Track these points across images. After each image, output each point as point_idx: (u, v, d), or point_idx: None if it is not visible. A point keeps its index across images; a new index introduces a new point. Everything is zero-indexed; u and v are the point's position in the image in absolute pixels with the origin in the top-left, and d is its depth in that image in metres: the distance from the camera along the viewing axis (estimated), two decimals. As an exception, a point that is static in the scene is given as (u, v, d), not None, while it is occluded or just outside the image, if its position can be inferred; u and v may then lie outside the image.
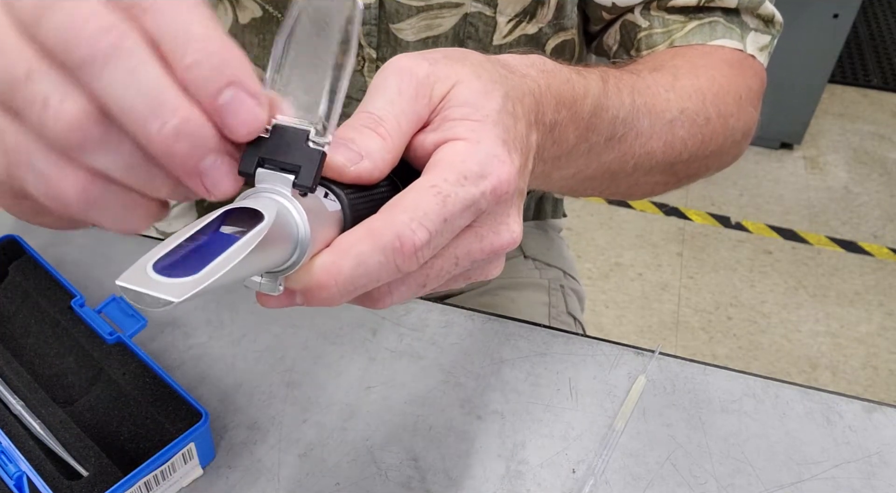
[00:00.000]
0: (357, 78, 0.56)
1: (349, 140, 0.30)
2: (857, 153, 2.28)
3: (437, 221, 0.27)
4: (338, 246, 0.27)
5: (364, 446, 0.46)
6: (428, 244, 0.27)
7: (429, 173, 0.29)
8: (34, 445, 0.42)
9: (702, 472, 0.46)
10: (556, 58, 0.53)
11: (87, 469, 0.42)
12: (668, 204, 2.06)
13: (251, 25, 0.54)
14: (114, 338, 0.47)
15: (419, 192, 0.28)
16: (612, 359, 0.52)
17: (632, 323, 1.73)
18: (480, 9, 0.53)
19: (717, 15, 0.52)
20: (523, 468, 0.45)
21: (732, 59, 0.51)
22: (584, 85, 0.37)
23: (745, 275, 1.87)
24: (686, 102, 0.45)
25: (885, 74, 2.60)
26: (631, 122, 0.42)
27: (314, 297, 0.27)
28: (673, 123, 0.45)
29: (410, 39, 0.54)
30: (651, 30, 0.53)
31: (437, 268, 0.30)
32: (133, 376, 0.46)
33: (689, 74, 0.47)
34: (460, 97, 0.30)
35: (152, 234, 0.74)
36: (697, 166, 0.49)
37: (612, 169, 0.43)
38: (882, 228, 2.03)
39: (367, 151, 0.30)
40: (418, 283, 0.30)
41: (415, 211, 0.27)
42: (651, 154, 0.45)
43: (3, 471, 0.41)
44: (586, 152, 0.40)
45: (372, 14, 0.53)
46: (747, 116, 0.50)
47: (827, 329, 1.75)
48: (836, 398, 0.50)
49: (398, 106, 0.31)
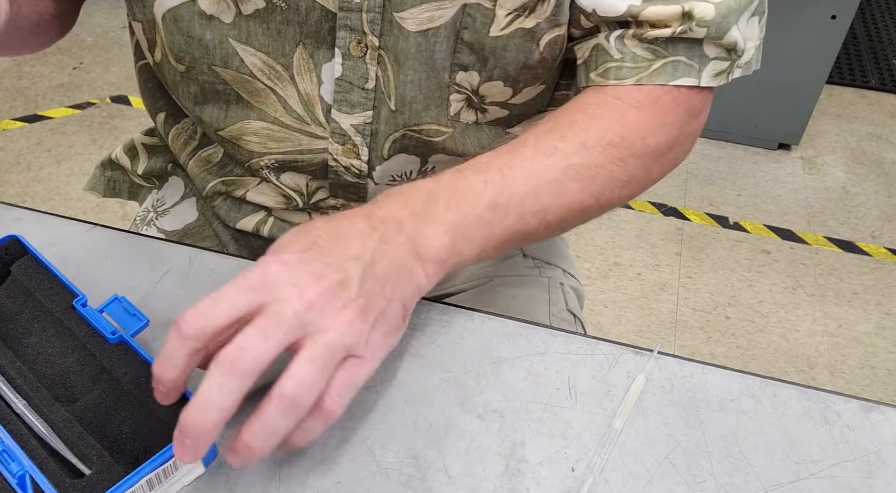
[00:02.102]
0: (360, 65, 0.56)
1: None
2: (855, 154, 2.29)
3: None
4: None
5: (364, 444, 0.46)
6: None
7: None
8: (37, 444, 0.42)
9: (700, 471, 0.46)
10: (549, 51, 0.56)
11: (89, 468, 0.42)
12: (666, 204, 2.06)
13: (255, 16, 0.54)
14: (116, 337, 0.47)
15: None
16: (612, 358, 0.52)
17: (631, 323, 1.74)
18: (479, 0, 0.53)
19: (681, 51, 0.54)
20: (522, 467, 0.45)
21: (648, 99, 0.55)
22: (434, 182, 0.49)
23: (743, 275, 1.88)
24: (572, 160, 0.52)
25: (882, 75, 2.60)
26: (508, 189, 0.50)
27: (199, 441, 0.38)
28: (559, 181, 0.52)
29: (412, 30, 0.54)
30: (622, 63, 0.55)
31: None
32: (135, 375, 0.46)
33: (581, 132, 0.53)
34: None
35: (153, 233, 0.74)
36: (618, 196, 0.56)
37: (521, 229, 0.51)
38: (880, 229, 2.03)
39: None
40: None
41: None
42: (548, 208, 0.52)
43: (6, 470, 0.41)
44: (479, 221, 0.49)
45: (376, 2, 0.53)
46: (653, 145, 0.55)
47: (825, 329, 1.75)
48: (835, 398, 0.50)
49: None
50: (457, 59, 0.56)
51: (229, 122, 0.61)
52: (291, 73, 0.57)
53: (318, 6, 0.53)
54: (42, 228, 0.58)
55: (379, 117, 0.59)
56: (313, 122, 0.59)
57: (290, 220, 0.68)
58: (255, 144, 0.61)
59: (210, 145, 0.67)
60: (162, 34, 0.57)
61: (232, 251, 0.70)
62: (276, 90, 0.58)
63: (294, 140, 0.60)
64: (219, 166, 0.67)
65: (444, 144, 0.61)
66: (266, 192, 0.66)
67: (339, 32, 0.54)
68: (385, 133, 0.60)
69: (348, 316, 0.41)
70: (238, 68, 0.57)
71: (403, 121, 0.59)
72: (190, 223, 0.75)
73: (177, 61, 0.58)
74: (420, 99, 0.58)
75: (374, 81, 0.57)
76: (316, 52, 0.56)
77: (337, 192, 0.64)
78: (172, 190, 0.77)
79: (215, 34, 0.55)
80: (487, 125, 0.63)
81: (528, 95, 0.62)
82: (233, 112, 0.60)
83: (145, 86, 0.69)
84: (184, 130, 0.68)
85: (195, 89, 0.60)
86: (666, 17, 0.53)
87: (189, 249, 0.58)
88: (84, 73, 2.42)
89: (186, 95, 0.61)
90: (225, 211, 0.69)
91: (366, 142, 0.60)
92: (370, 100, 0.58)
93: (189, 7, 0.54)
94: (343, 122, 0.59)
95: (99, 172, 0.80)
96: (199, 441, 0.38)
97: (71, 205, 1.95)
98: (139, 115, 2.27)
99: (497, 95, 0.60)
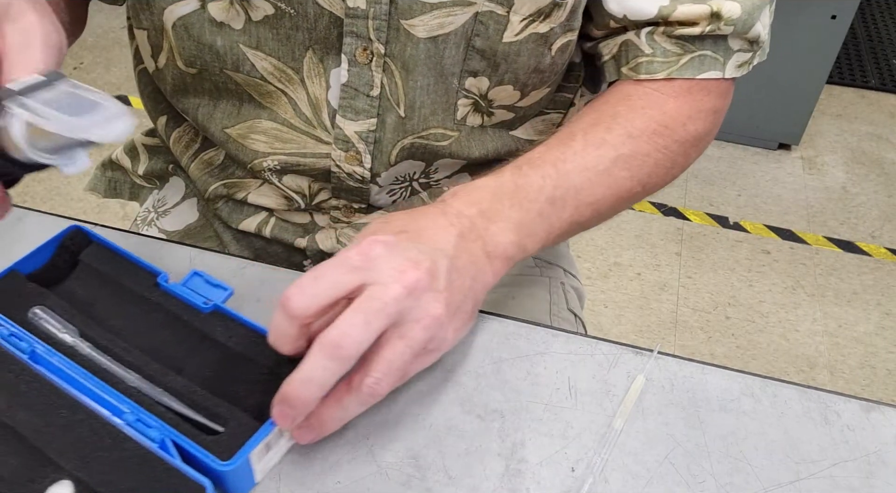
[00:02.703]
0: (365, 72, 0.56)
1: None
2: (855, 154, 2.29)
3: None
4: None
5: (364, 444, 0.46)
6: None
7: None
8: (164, 411, 0.43)
9: (700, 471, 0.46)
10: (559, 55, 0.57)
11: (221, 425, 0.43)
12: (666, 204, 2.06)
13: (264, 22, 0.54)
14: (210, 306, 0.49)
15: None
16: (611, 358, 0.52)
17: (631, 323, 1.74)
18: (492, 8, 0.53)
19: (707, 45, 0.57)
20: (522, 467, 0.45)
21: (681, 89, 0.58)
22: (496, 180, 0.51)
23: (743, 275, 1.88)
24: (620, 150, 0.55)
25: (882, 75, 2.60)
26: (564, 183, 0.53)
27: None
28: (609, 172, 0.55)
29: (421, 36, 0.54)
30: (653, 58, 0.57)
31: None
32: (240, 337, 0.48)
33: (625, 122, 0.56)
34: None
35: (154, 233, 0.74)
36: (661, 181, 0.60)
37: (576, 220, 0.54)
38: (880, 229, 2.03)
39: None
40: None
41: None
42: (602, 198, 0.55)
43: (144, 437, 0.41)
44: (539, 216, 0.51)
45: (382, 10, 0.53)
46: (693, 131, 0.59)
47: (825, 329, 1.75)
48: (834, 398, 0.50)
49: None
50: (467, 66, 0.57)
51: (241, 119, 0.61)
52: (302, 76, 0.57)
53: (327, 12, 0.54)
54: (43, 229, 0.58)
55: (384, 126, 0.59)
56: (319, 126, 0.60)
57: (291, 220, 0.68)
58: (261, 143, 0.61)
59: (211, 148, 0.67)
60: (172, 41, 0.57)
61: (233, 252, 0.70)
62: (287, 92, 0.58)
63: (300, 142, 0.60)
64: (220, 169, 0.67)
65: (449, 148, 0.61)
66: (268, 194, 0.66)
67: (345, 38, 0.55)
68: (392, 140, 0.60)
69: (437, 310, 0.43)
70: (249, 72, 0.57)
71: (412, 127, 0.59)
72: (191, 224, 0.75)
73: (187, 66, 0.58)
74: (428, 104, 0.58)
75: (380, 89, 0.57)
76: (325, 58, 0.56)
77: (339, 194, 0.64)
78: (173, 190, 0.77)
79: (226, 40, 0.56)
80: (492, 128, 0.63)
81: (534, 98, 0.62)
82: (245, 110, 0.60)
83: (145, 89, 0.69)
84: (185, 133, 0.68)
85: (209, 87, 0.60)
86: (695, 16, 0.55)
87: (189, 249, 0.58)
88: (84, 73, 2.42)
89: (200, 92, 0.61)
90: (227, 213, 0.69)
91: (369, 149, 0.60)
92: (374, 107, 0.58)
93: (199, 15, 0.55)
94: (347, 128, 0.59)
95: (99, 172, 0.80)
96: (298, 411, 0.41)
97: (72, 205, 1.95)
98: (139, 115, 2.26)
99: (505, 98, 0.60)
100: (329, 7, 0.53)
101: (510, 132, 0.65)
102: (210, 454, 0.41)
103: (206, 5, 0.54)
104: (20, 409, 0.43)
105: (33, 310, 0.48)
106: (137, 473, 0.40)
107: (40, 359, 0.45)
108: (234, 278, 0.55)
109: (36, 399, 0.43)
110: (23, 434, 0.42)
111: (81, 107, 0.37)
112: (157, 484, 0.40)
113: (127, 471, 0.40)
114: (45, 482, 0.40)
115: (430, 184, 0.66)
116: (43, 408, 0.43)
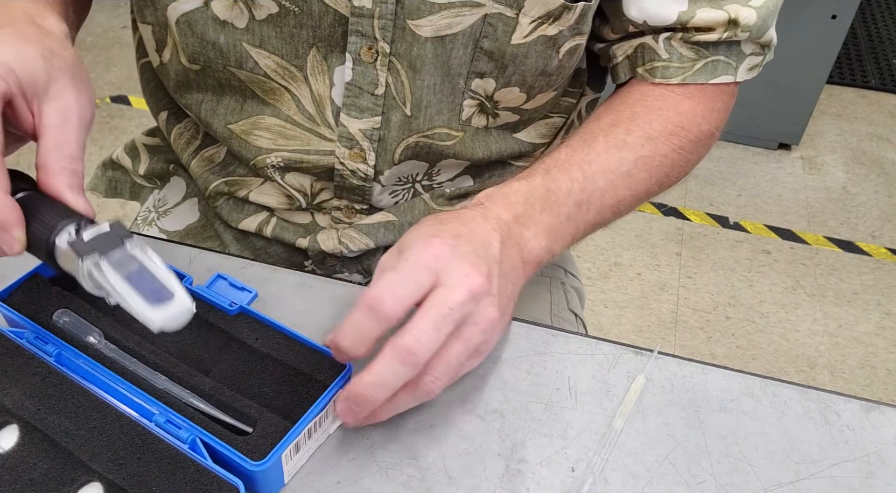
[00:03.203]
0: (370, 71, 0.56)
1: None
2: (855, 154, 2.29)
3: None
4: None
5: (364, 444, 0.46)
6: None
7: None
8: (194, 412, 0.43)
9: (700, 471, 0.46)
10: (567, 58, 0.58)
11: (250, 426, 0.43)
12: (666, 204, 2.06)
13: (268, 20, 0.54)
14: (235, 308, 0.49)
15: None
16: (612, 358, 0.52)
17: (631, 323, 1.74)
18: (501, 10, 0.53)
19: (721, 51, 0.58)
20: (523, 467, 0.45)
21: (696, 91, 0.60)
22: (528, 184, 0.52)
23: (743, 275, 1.88)
24: (640, 152, 0.57)
25: (882, 75, 2.60)
26: (589, 186, 0.54)
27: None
28: (630, 173, 0.56)
29: (427, 36, 0.54)
30: (669, 63, 0.59)
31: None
32: (266, 338, 0.48)
33: (644, 124, 0.58)
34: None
35: (154, 233, 0.74)
36: (676, 178, 0.61)
37: (598, 221, 0.56)
38: (880, 229, 2.03)
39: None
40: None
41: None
42: (623, 199, 0.57)
43: (174, 438, 0.41)
44: (568, 220, 0.53)
45: (388, 9, 0.53)
46: (706, 130, 0.61)
47: (825, 329, 1.75)
48: (834, 398, 0.50)
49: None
50: (474, 67, 0.57)
51: (244, 115, 0.61)
52: (305, 73, 0.57)
53: (332, 11, 0.54)
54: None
55: (388, 124, 0.59)
56: (323, 123, 0.60)
57: (292, 220, 0.68)
58: (264, 140, 0.61)
59: (213, 145, 0.67)
60: (175, 37, 0.57)
61: (233, 252, 0.70)
62: (291, 89, 0.58)
63: (303, 139, 0.61)
64: (221, 166, 0.67)
65: (453, 148, 0.61)
66: (269, 192, 0.66)
67: (350, 37, 0.55)
68: (397, 139, 0.60)
69: (493, 314, 0.44)
70: (252, 69, 0.57)
71: (417, 126, 0.59)
72: (191, 224, 0.75)
73: (191, 62, 0.58)
74: (434, 103, 0.58)
75: (385, 88, 0.57)
76: (329, 56, 0.56)
77: (341, 194, 0.64)
78: (174, 190, 0.77)
79: (229, 38, 0.56)
80: (496, 130, 0.63)
81: (539, 102, 0.62)
82: (249, 107, 0.60)
83: (147, 84, 0.69)
84: (186, 129, 0.68)
85: (212, 83, 0.60)
86: (713, 22, 0.56)
87: (189, 249, 0.58)
88: (84, 73, 2.42)
89: (203, 88, 0.61)
90: (227, 211, 0.69)
91: (373, 147, 0.60)
92: (379, 106, 0.58)
93: (203, 12, 0.55)
94: (351, 126, 0.59)
95: (100, 172, 0.80)
96: (363, 410, 0.42)
97: (71, 205, 1.94)
98: (140, 115, 2.27)
99: (511, 100, 0.61)
100: (334, 5, 0.53)
101: (514, 135, 0.65)
102: (242, 455, 0.41)
103: (209, 3, 0.54)
104: (49, 412, 0.43)
105: (57, 313, 0.48)
106: (170, 474, 0.40)
107: (67, 362, 0.45)
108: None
109: (65, 402, 0.43)
110: (53, 438, 0.42)
111: (154, 291, 0.38)
112: (190, 486, 0.40)
113: (159, 473, 0.40)
114: (75, 486, 0.40)
115: (433, 185, 0.66)
116: (72, 411, 0.43)
